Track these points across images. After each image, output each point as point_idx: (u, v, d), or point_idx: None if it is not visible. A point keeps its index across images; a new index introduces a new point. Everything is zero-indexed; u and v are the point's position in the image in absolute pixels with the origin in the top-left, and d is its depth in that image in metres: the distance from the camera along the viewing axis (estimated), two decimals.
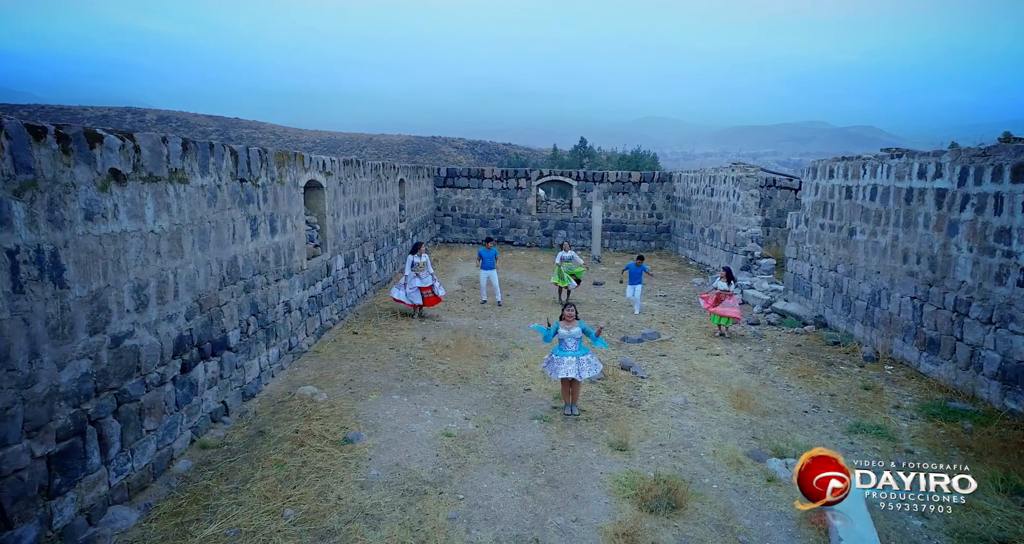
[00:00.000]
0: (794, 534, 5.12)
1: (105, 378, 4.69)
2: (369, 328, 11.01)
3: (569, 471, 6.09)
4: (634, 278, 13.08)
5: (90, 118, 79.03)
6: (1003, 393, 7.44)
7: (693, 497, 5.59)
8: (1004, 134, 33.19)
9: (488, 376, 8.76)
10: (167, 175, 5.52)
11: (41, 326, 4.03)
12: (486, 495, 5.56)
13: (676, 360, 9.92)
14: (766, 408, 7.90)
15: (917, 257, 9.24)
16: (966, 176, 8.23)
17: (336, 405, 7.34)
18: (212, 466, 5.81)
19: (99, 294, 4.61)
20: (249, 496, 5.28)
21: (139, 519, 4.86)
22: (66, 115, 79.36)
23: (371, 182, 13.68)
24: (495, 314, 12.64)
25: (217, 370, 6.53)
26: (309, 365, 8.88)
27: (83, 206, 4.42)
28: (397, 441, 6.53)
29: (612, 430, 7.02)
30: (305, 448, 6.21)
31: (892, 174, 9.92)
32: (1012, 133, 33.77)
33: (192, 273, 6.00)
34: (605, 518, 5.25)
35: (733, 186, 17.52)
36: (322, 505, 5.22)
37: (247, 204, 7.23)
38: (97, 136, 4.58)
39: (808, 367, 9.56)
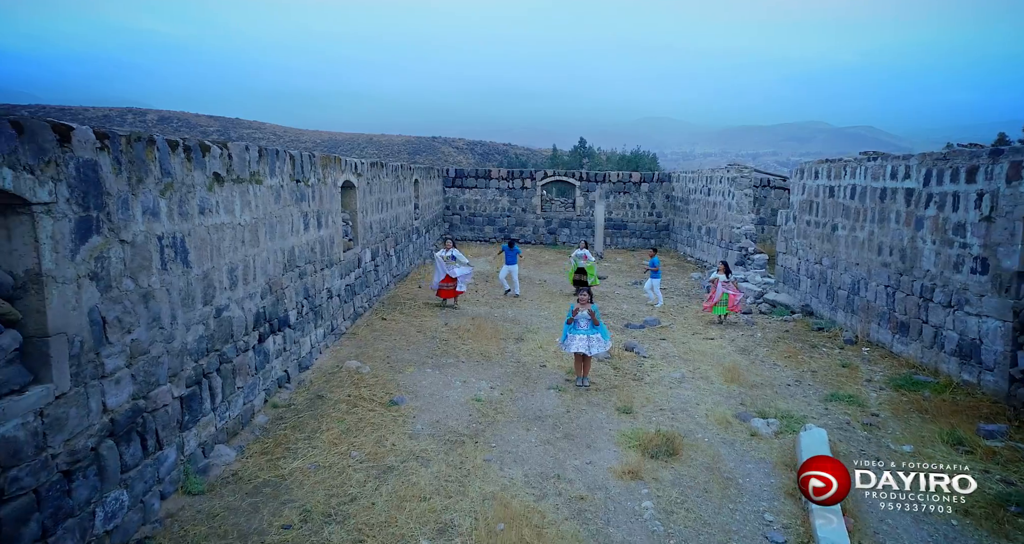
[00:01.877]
0: (770, 474, 6.21)
1: (212, 341, 5.80)
2: (396, 315, 12.13)
3: (582, 428, 7.19)
4: (654, 273, 14.11)
5: (91, 118, 79.21)
6: (960, 367, 8.55)
7: (687, 447, 6.69)
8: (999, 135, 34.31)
9: (507, 355, 9.86)
10: (249, 177, 6.62)
11: (176, 296, 5.13)
12: (514, 445, 6.66)
13: (675, 343, 11.02)
14: (754, 382, 8.99)
15: (890, 249, 10.34)
16: (930, 177, 9.33)
17: (379, 376, 8.46)
18: (284, 420, 6.92)
19: (208, 274, 5.71)
20: (320, 442, 6.39)
21: (237, 456, 5.97)
22: (67, 115, 79.75)
23: (392, 182, 14.78)
24: (509, 304, 13.75)
25: (282, 343, 7.63)
26: (349, 344, 10.00)
27: (198, 203, 5.52)
28: (434, 404, 7.64)
29: (618, 398, 8.12)
30: (359, 408, 7.32)
31: (868, 175, 11.02)
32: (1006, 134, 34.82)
33: (265, 260, 7.11)
34: (614, 461, 6.34)
35: (728, 186, 18.62)
36: (380, 449, 6.32)
37: (300, 201, 8.34)
38: (206, 146, 5.68)
39: (794, 349, 10.66)
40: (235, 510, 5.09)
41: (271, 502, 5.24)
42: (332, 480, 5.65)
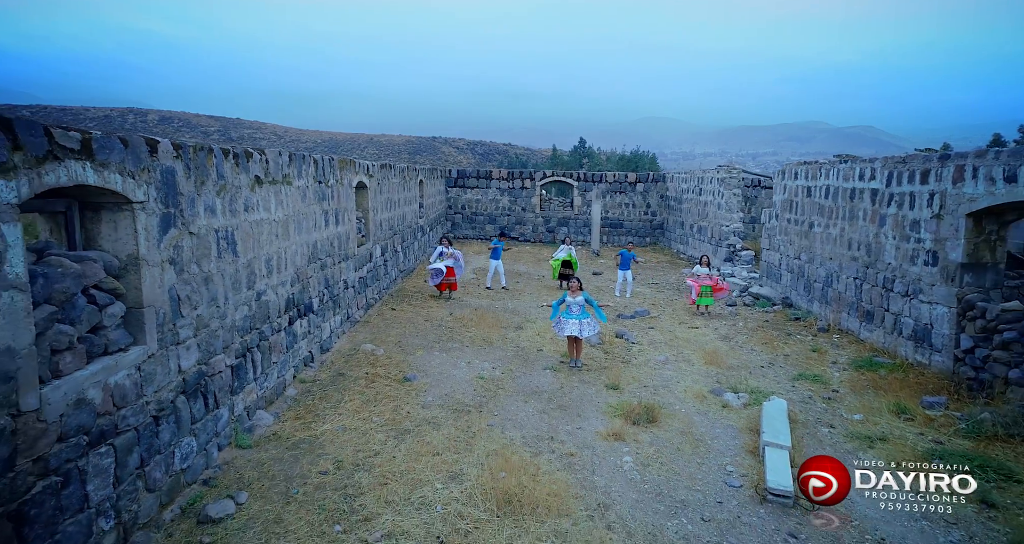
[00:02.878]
0: (735, 437, 7.16)
1: (254, 320, 6.75)
2: (404, 306, 13.08)
3: (574, 401, 8.14)
4: (623, 264, 15.08)
5: (92, 119, 79.13)
6: (915, 349, 9.50)
7: (665, 416, 7.64)
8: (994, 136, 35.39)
9: (507, 341, 10.81)
10: (281, 179, 7.57)
11: (228, 280, 6.08)
12: (513, 413, 7.61)
13: (662, 331, 11.96)
14: (731, 364, 9.94)
15: (858, 245, 11.29)
16: (891, 179, 10.28)
17: (392, 357, 9.41)
18: (312, 393, 7.87)
19: (251, 262, 6.66)
20: (344, 410, 7.34)
21: (274, 420, 6.92)
22: (68, 116, 79.73)
23: (399, 183, 15.73)
24: (508, 297, 14.69)
25: (307, 326, 8.58)
26: (363, 331, 10.95)
27: (244, 201, 6.47)
28: (443, 381, 8.59)
29: (607, 376, 9.07)
30: (376, 383, 8.28)
31: (840, 176, 11.97)
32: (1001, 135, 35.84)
33: (293, 252, 8.06)
34: (600, 427, 7.29)
35: (718, 186, 19.57)
36: (397, 416, 7.27)
37: (322, 201, 9.28)
38: (249, 153, 6.63)
39: (771, 336, 11.61)
40: (279, 460, 6.05)
41: (308, 455, 6.20)
42: (358, 439, 6.60)
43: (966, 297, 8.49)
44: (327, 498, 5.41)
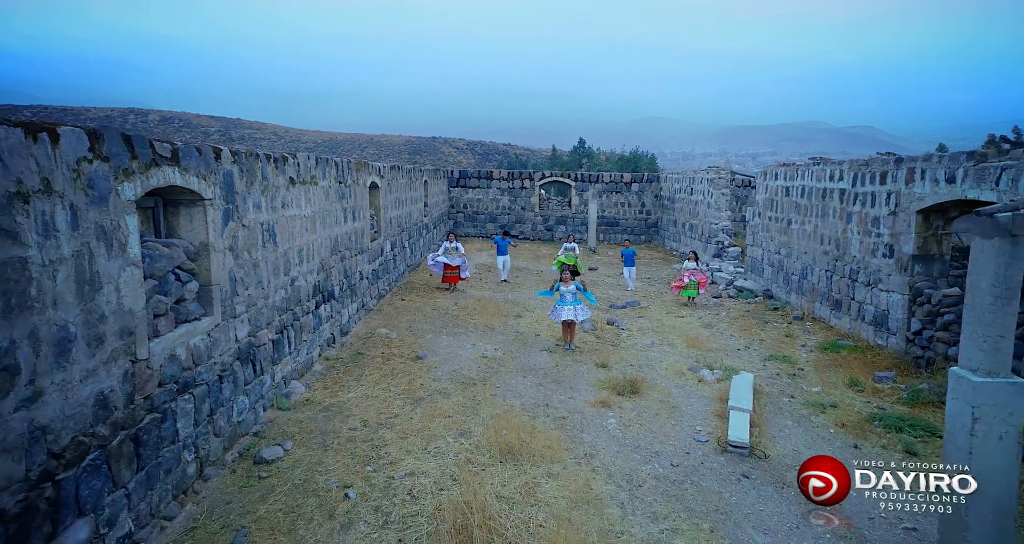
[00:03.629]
0: (707, 405, 8.20)
1: (289, 302, 7.80)
2: (412, 297, 14.14)
3: (567, 376, 9.19)
4: (628, 261, 16.15)
5: (93, 119, 79.29)
6: (875, 333, 10.55)
7: (647, 388, 8.69)
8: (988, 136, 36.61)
9: (508, 327, 11.86)
10: (309, 180, 8.62)
11: (270, 266, 7.14)
12: (513, 386, 8.66)
13: (650, 320, 13.01)
14: (710, 347, 10.99)
15: (829, 240, 12.34)
16: (856, 179, 11.33)
17: (404, 340, 10.47)
18: (336, 369, 8.93)
19: (287, 252, 7.72)
20: (366, 382, 8.40)
21: (306, 389, 7.98)
22: (70, 116, 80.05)
23: (406, 183, 16.78)
24: (508, 289, 15.75)
25: (329, 311, 9.64)
26: (377, 318, 12.01)
27: (281, 199, 7.52)
28: (451, 359, 9.65)
29: (598, 357, 10.12)
30: (392, 361, 9.33)
31: (814, 177, 13.02)
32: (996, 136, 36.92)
33: (319, 244, 9.11)
34: (589, 397, 8.34)
35: (708, 186, 20.62)
36: (412, 387, 8.32)
37: (342, 199, 10.33)
38: (285, 158, 7.68)
39: (749, 324, 12.66)
40: (314, 419, 7.10)
41: (338, 416, 7.25)
42: (379, 405, 7.66)
43: (916, 285, 9.55)
44: (357, 447, 6.47)
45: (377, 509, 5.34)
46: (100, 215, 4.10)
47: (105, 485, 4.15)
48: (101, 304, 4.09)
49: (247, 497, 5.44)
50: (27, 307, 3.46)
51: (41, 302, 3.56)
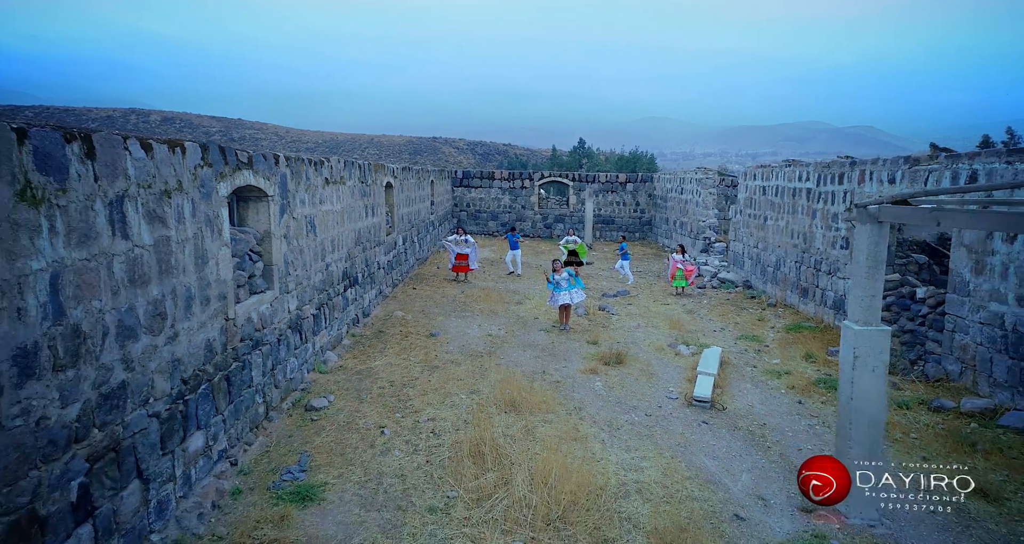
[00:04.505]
0: (681, 373, 9.59)
1: (325, 284, 9.20)
2: (423, 286, 15.54)
3: (562, 351, 10.58)
4: (623, 255, 17.57)
5: (95, 119, 79.55)
6: (834, 316, 11.94)
7: (630, 360, 10.08)
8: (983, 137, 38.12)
9: (510, 312, 13.26)
10: (339, 180, 10.02)
11: (311, 253, 8.53)
12: (515, 357, 10.05)
13: (638, 307, 14.41)
14: (690, 329, 12.37)
15: (798, 234, 13.73)
16: (820, 180, 12.73)
17: (419, 321, 11.87)
18: (362, 343, 10.33)
19: (323, 242, 9.11)
20: (388, 353, 9.80)
21: (338, 358, 9.38)
22: (71, 116, 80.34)
23: (415, 183, 18.18)
24: (510, 280, 17.15)
25: (354, 294, 11.04)
26: (393, 303, 13.42)
27: (319, 196, 8.91)
28: (460, 337, 11.04)
29: (589, 336, 11.51)
30: (409, 338, 10.73)
31: (786, 178, 14.42)
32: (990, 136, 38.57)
33: (346, 236, 10.51)
34: (580, 366, 9.73)
35: (696, 186, 22.01)
36: (428, 357, 9.72)
37: (364, 197, 11.73)
38: (322, 161, 9.07)
39: (727, 310, 14.05)
40: (348, 380, 8.50)
41: (368, 378, 8.65)
42: (401, 370, 9.05)
43: None
44: (387, 400, 7.87)
45: (407, 442, 6.74)
46: (207, 207, 5.49)
47: (211, 409, 5.55)
48: (208, 273, 5.49)
49: (304, 433, 6.84)
50: (169, 272, 4.85)
51: (177, 269, 4.96)
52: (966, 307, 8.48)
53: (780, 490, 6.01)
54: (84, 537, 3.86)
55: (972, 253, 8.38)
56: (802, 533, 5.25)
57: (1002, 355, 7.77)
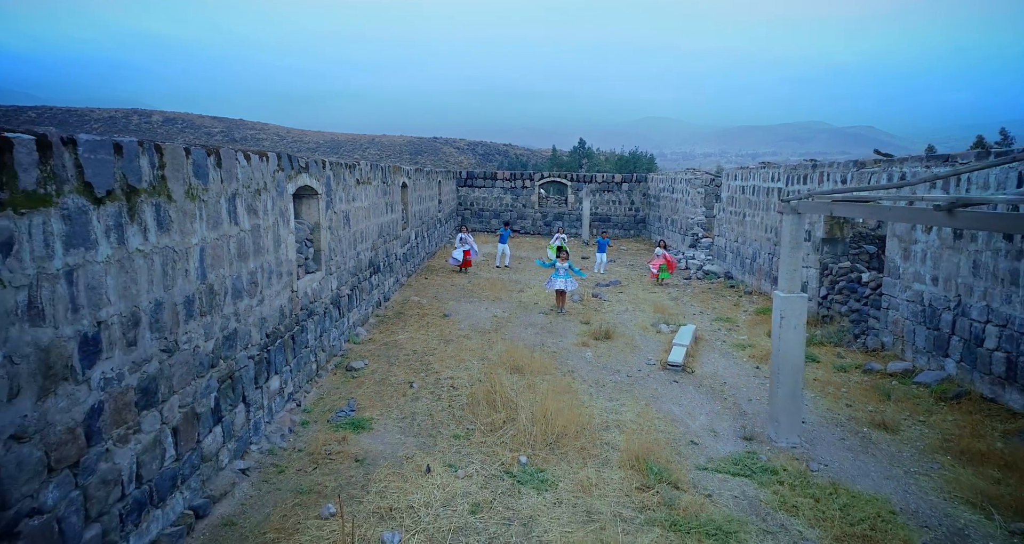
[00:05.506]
0: (660, 345, 11.18)
1: (356, 270, 10.81)
2: (433, 277, 17.16)
3: (558, 329, 12.17)
4: (600, 248, 19.19)
5: (97, 119, 79.84)
6: None
7: (617, 335, 11.67)
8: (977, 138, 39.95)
9: (513, 298, 14.86)
10: (367, 180, 11.61)
11: (347, 242, 10.13)
12: (518, 334, 11.65)
13: (628, 295, 16.01)
14: (673, 312, 13.98)
15: (770, 229, 15.32)
16: (789, 180, 14.32)
17: (433, 305, 13.48)
18: (385, 322, 11.93)
19: (354, 233, 10.71)
20: (409, 329, 11.40)
21: (367, 333, 10.98)
22: (74, 116, 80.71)
23: (426, 183, 19.78)
24: (512, 271, 18.76)
25: (378, 280, 12.64)
26: (408, 290, 15.03)
27: (352, 195, 10.51)
28: (470, 317, 12.64)
29: (582, 317, 13.11)
30: (426, 318, 12.34)
31: (761, 178, 16.01)
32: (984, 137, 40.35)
33: (372, 230, 12.11)
34: (574, 340, 11.32)
35: (686, 186, 23.59)
36: (443, 333, 11.32)
37: (384, 196, 13.33)
38: (353, 165, 10.67)
39: (708, 297, 15.66)
40: (378, 349, 10.10)
41: (394, 348, 10.25)
42: (421, 343, 10.65)
43: (824, 261, 12.54)
44: (412, 364, 9.47)
45: (432, 393, 8.34)
46: (281, 202, 7.09)
47: (283, 360, 7.15)
48: (281, 254, 7.09)
49: (347, 386, 8.45)
50: (259, 251, 6.45)
51: (263, 249, 6.56)
52: (897, 288, 10.08)
53: (729, 426, 7.62)
54: (218, 434, 5.47)
55: (901, 242, 9.98)
56: (740, 452, 6.86)
57: (922, 326, 9.37)
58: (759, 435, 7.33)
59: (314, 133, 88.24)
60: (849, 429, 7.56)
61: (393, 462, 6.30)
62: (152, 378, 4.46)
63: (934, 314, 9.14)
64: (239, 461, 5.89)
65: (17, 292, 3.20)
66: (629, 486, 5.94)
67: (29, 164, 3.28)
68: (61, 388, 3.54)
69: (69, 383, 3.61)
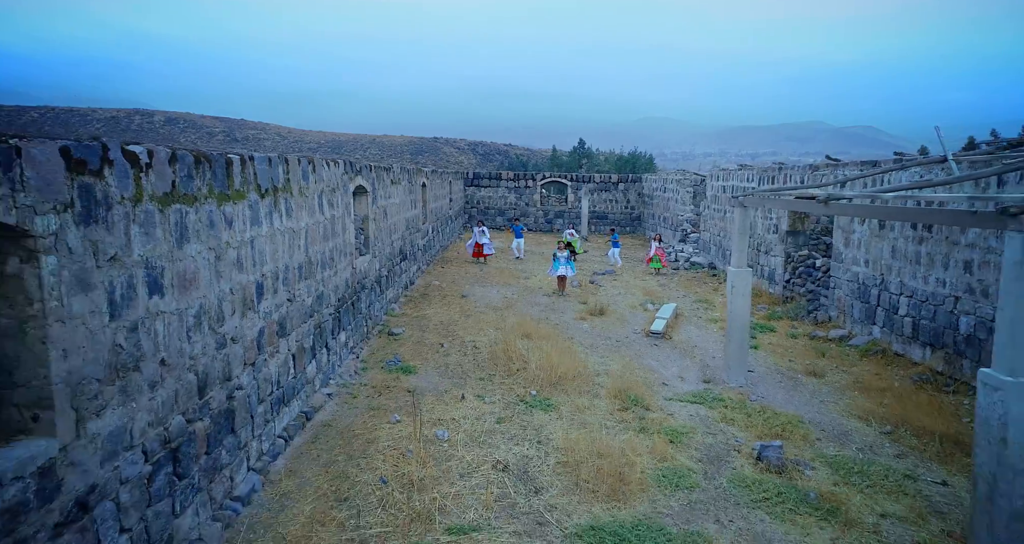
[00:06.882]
0: (645, 319, 13.25)
1: (391, 256, 12.91)
2: (449, 266, 19.28)
3: (560, 307, 14.27)
4: (614, 244, 21.30)
5: (99, 120, 79.14)
6: (768, 284, 15.62)
7: (610, 312, 13.77)
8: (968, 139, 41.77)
9: (520, 283, 16.96)
10: (398, 181, 13.71)
11: (386, 231, 12.23)
12: (526, 310, 13.74)
13: (621, 282, 18.11)
14: (660, 295, 16.07)
15: None
16: (761, 181, 16.40)
17: (452, 288, 15.60)
18: (413, 301, 14.05)
19: (389, 225, 12.81)
20: (434, 306, 13.51)
21: (399, 308, 13.09)
22: (76, 116, 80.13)
23: (440, 183, 21.89)
24: (519, 263, 20.87)
25: (405, 266, 14.75)
26: (429, 276, 17.16)
27: (388, 192, 12.60)
28: (484, 298, 14.75)
29: (580, 298, 15.21)
30: (447, 298, 14.46)
31: (739, 179, 18.10)
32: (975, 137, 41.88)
33: (401, 223, 14.20)
34: (573, 316, 13.41)
35: (677, 185, 25.68)
36: (463, 309, 13.42)
37: (409, 194, 15.43)
38: (388, 168, 12.76)
39: (692, 284, 17.76)
40: (411, 321, 12.21)
41: (424, 320, 12.36)
42: (445, 316, 12.75)
43: (787, 250, 14.64)
44: (440, 331, 11.57)
45: (459, 351, 10.43)
46: (345, 198, 9.18)
47: (348, 320, 9.25)
48: (346, 239, 9.19)
49: (391, 346, 10.55)
50: (334, 235, 8.55)
51: (336, 234, 8.65)
52: (840, 270, 12.17)
53: (694, 375, 9.72)
54: (312, 366, 7.59)
55: (844, 233, 12.07)
56: (699, 389, 8.95)
57: (858, 301, 11.46)
58: (716, 379, 9.43)
59: (315, 133, 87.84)
60: (787, 376, 9.66)
61: (436, 393, 8.40)
62: (284, 317, 6.56)
63: (866, 290, 11.23)
64: (325, 389, 7.99)
65: (235, 250, 5.31)
66: (612, 408, 8.04)
67: (237, 172, 5.39)
68: (248, 313, 5.65)
69: (251, 310, 5.71)
